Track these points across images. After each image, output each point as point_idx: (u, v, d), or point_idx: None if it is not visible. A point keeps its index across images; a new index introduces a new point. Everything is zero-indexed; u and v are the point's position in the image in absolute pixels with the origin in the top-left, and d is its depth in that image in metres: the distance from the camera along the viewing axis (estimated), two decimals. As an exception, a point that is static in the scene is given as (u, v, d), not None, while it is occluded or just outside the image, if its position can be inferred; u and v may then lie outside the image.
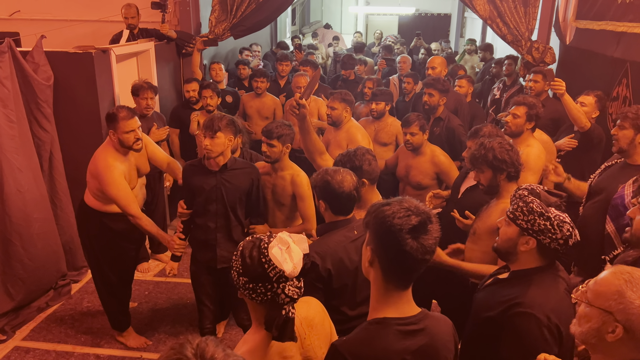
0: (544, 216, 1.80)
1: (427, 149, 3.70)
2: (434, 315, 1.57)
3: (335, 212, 2.31)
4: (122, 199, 3.23)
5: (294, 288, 1.53)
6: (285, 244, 1.54)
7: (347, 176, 2.29)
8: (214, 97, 4.71)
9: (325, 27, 13.10)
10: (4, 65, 3.80)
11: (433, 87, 4.28)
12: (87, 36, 5.63)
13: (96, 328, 3.92)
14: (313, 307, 1.78)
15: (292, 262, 1.52)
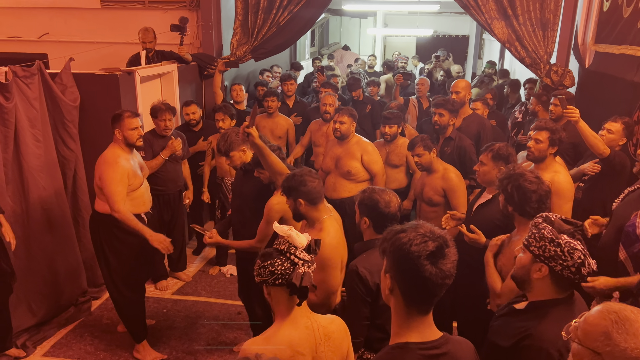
0: (554, 242, 1.79)
1: (440, 167, 3.75)
2: (456, 339, 1.57)
3: (377, 231, 2.44)
4: (114, 194, 3.45)
5: (304, 254, 1.84)
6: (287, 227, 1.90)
7: (393, 197, 2.46)
8: (226, 119, 4.81)
9: (343, 49, 13.26)
10: (33, 87, 3.93)
11: (443, 107, 4.32)
12: (112, 57, 5.80)
13: (115, 345, 3.96)
14: (336, 324, 1.91)
15: (298, 238, 1.85)
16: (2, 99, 3.67)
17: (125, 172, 3.52)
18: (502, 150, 3.15)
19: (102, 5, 6.20)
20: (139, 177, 3.65)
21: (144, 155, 4.40)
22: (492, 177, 3.13)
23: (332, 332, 1.86)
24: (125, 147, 3.61)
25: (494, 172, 3.13)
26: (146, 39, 5.40)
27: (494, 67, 8.41)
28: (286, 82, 5.99)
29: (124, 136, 3.58)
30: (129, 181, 3.56)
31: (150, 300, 4.58)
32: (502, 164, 3.12)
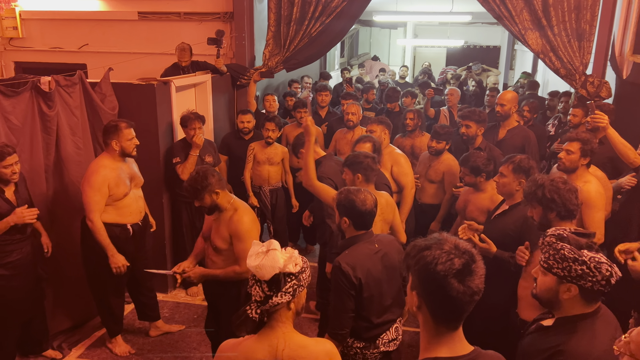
0: (578, 261, 1.73)
1: (488, 186, 3.62)
2: (487, 353, 1.54)
3: (357, 228, 2.61)
4: (89, 203, 3.55)
5: (259, 290, 1.76)
6: (267, 246, 1.77)
7: (368, 195, 2.60)
8: (275, 131, 4.92)
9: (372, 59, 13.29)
10: (74, 96, 4.06)
11: (469, 118, 4.29)
12: (148, 68, 5.95)
13: (147, 349, 4.03)
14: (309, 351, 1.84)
15: (257, 261, 1.74)
16: (45, 107, 3.81)
17: (106, 181, 3.58)
18: (523, 162, 3.11)
19: (139, 17, 6.38)
20: (123, 187, 3.67)
21: (179, 161, 4.50)
22: (512, 189, 3.12)
23: (300, 358, 1.81)
24: (118, 157, 3.67)
25: (513, 184, 3.10)
26: (182, 58, 5.56)
27: (529, 78, 8.30)
28: (321, 93, 6.03)
29: (122, 147, 3.65)
30: (111, 191, 3.61)
31: (181, 306, 4.65)
32: (522, 176, 3.08)
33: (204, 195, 2.99)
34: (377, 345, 2.67)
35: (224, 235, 3.03)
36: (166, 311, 4.57)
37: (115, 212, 3.70)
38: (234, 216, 3.01)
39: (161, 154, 4.56)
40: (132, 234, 3.82)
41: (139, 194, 3.90)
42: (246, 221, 2.99)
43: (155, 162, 4.53)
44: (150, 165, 4.47)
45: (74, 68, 4.29)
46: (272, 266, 1.73)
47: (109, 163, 3.64)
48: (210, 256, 3.14)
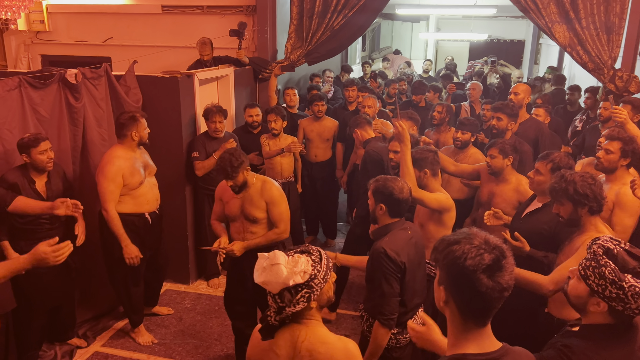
0: (616, 285, 1.65)
1: (512, 177, 3.58)
2: (516, 350, 1.51)
3: (392, 215, 2.67)
4: (105, 192, 3.61)
5: (273, 302, 1.75)
6: (272, 261, 1.72)
7: (404, 184, 2.68)
8: (278, 120, 4.88)
9: (394, 53, 13.19)
10: (100, 88, 4.12)
11: (501, 111, 4.20)
12: (171, 61, 6.00)
13: (169, 339, 4.08)
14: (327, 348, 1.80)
15: (263, 278, 1.72)
16: (72, 99, 3.87)
17: (120, 171, 3.62)
18: (562, 162, 3.03)
19: (163, 10, 6.43)
20: (138, 176, 3.72)
21: (197, 156, 4.53)
22: (546, 187, 3.01)
23: (317, 353, 1.79)
24: (134, 147, 3.74)
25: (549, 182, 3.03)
26: (204, 52, 5.59)
27: (555, 72, 8.14)
28: (348, 89, 5.99)
29: (140, 137, 3.73)
30: (125, 181, 3.66)
31: (203, 298, 4.70)
32: None
33: (238, 173, 3.20)
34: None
35: (261, 205, 3.31)
36: (188, 302, 4.63)
37: (132, 201, 3.75)
38: (265, 186, 3.33)
39: (184, 147, 4.60)
40: (150, 222, 3.88)
41: (153, 182, 3.95)
42: (277, 188, 3.36)
43: (178, 154, 4.58)
44: (173, 158, 4.52)
45: (99, 61, 4.35)
46: (276, 282, 1.70)
47: (123, 153, 3.69)
48: (247, 230, 3.38)
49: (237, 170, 3.19)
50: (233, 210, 3.39)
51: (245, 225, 3.38)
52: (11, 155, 3.54)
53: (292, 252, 1.79)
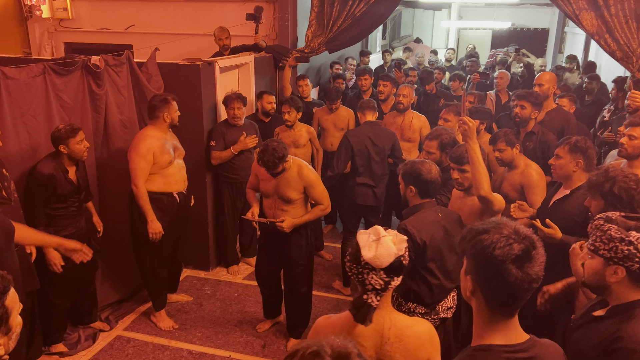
0: (625, 241, 1.70)
1: (521, 162, 3.56)
2: (544, 342, 1.48)
3: (422, 196, 2.77)
4: (136, 168, 3.73)
5: (378, 279, 1.71)
6: (376, 235, 1.73)
7: (433, 166, 2.76)
8: (292, 112, 4.83)
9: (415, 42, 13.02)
10: (122, 75, 4.14)
11: (525, 99, 4.12)
12: (192, 48, 6.01)
13: (189, 325, 4.13)
14: (416, 329, 1.81)
15: (374, 252, 1.70)
16: (95, 86, 3.90)
17: (151, 149, 3.75)
18: (580, 142, 3.00)
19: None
20: (167, 155, 3.83)
21: (214, 145, 4.54)
22: (569, 170, 3.01)
23: (407, 337, 1.79)
24: (165, 129, 3.87)
25: (570, 165, 3.00)
26: (222, 35, 5.57)
27: (574, 61, 7.96)
28: (361, 77, 5.94)
29: (172, 118, 3.85)
30: (155, 159, 3.78)
31: (223, 284, 4.74)
32: (579, 156, 2.98)
33: (279, 165, 3.44)
34: (437, 312, 2.81)
35: (297, 187, 3.55)
36: (208, 288, 4.67)
37: (162, 180, 3.86)
38: (302, 171, 3.55)
39: (205, 134, 4.62)
40: (178, 201, 3.96)
41: (181, 164, 4.05)
42: (312, 171, 3.62)
43: (199, 142, 4.60)
44: (193, 145, 4.54)
45: (120, 48, 4.36)
46: (388, 254, 1.71)
47: (154, 133, 3.81)
48: (279, 207, 3.62)
49: (278, 165, 3.43)
50: (268, 188, 3.64)
51: (277, 203, 3.62)
52: (36, 141, 3.59)
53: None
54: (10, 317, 1.45)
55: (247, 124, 4.74)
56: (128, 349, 3.83)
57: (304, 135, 5.00)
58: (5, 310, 1.43)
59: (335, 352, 1.09)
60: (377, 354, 1.77)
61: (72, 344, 3.80)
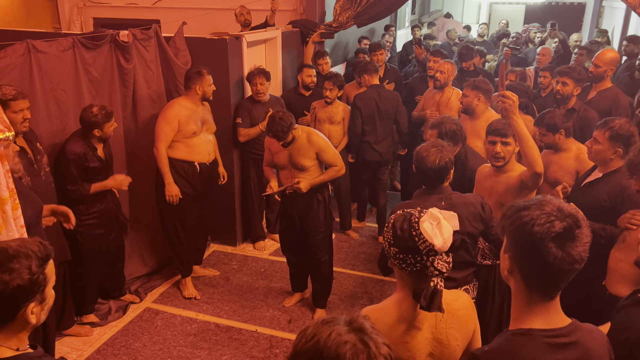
0: None
1: (572, 146, 3.36)
2: (587, 327, 1.41)
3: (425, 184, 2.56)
4: (160, 132, 3.85)
5: (443, 262, 1.62)
6: (436, 220, 1.63)
7: (440, 154, 2.47)
8: (334, 90, 4.80)
9: (445, 17, 12.71)
10: (150, 50, 4.13)
11: (568, 75, 3.95)
12: (217, 23, 5.95)
13: (217, 299, 4.18)
14: (461, 301, 1.77)
15: (442, 237, 1.61)
16: (123, 60, 3.89)
17: (177, 117, 3.84)
18: (622, 129, 2.77)
19: (211, -29, 6.35)
20: (193, 126, 3.90)
21: (241, 122, 4.52)
22: (606, 157, 2.84)
23: (457, 310, 1.73)
24: (197, 101, 3.95)
25: (608, 152, 2.82)
26: (243, 11, 5.58)
27: (605, 35, 7.61)
28: (375, 53, 5.83)
29: (204, 92, 3.93)
30: (180, 127, 3.86)
31: (249, 259, 4.77)
32: (619, 145, 2.78)
33: (288, 134, 3.50)
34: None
35: (310, 154, 3.61)
36: (235, 263, 4.70)
37: (185, 149, 3.94)
38: (311, 137, 3.60)
39: (232, 110, 4.60)
40: (199, 171, 4.01)
41: (209, 138, 4.10)
42: (321, 137, 3.66)
43: (226, 117, 4.58)
44: (221, 121, 4.52)
45: (148, 23, 4.34)
46: (450, 234, 1.62)
47: (185, 103, 3.91)
48: (295, 176, 3.67)
49: (287, 133, 3.49)
50: (282, 160, 3.68)
51: (293, 172, 3.68)
52: (65, 115, 3.62)
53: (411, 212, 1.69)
54: (47, 286, 1.47)
55: (272, 100, 4.70)
56: (157, 320, 3.90)
57: (339, 113, 4.95)
58: (44, 278, 1.44)
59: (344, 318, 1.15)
60: (432, 334, 1.70)
61: (103, 314, 3.89)
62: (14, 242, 1.45)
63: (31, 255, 1.42)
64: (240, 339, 3.71)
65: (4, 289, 1.37)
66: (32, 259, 1.42)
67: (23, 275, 1.39)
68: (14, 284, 1.37)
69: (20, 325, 1.44)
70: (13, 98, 2.92)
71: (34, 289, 1.41)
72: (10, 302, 1.39)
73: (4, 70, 3.20)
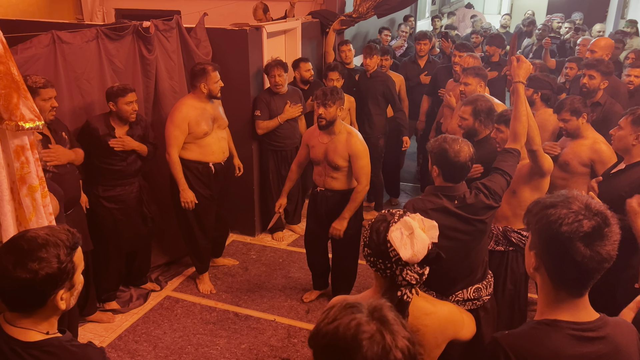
0: None
1: (590, 134, 3.35)
2: (616, 321, 1.39)
3: (445, 179, 2.42)
4: (170, 136, 3.75)
5: (413, 273, 1.58)
6: (409, 230, 1.57)
7: (464, 147, 2.37)
8: (340, 80, 4.79)
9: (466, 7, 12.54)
10: (172, 40, 4.16)
11: (595, 68, 3.88)
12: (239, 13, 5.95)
13: (235, 288, 4.22)
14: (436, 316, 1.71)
15: (411, 250, 1.55)
16: (145, 51, 3.93)
17: (186, 119, 3.73)
18: None
19: (231, -38, 6.34)
20: (203, 126, 3.80)
21: (259, 115, 4.53)
22: (628, 143, 2.85)
23: (425, 326, 1.69)
24: (205, 99, 3.81)
25: (630, 138, 2.82)
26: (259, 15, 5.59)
27: (634, 25, 7.44)
28: (420, 42, 5.77)
29: (209, 89, 3.78)
30: (191, 129, 3.76)
31: (268, 250, 4.80)
32: None
33: (334, 103, 3.39)
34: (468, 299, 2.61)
35: (344, 155, 3.51)
36: (253, 253, 4.74)
37: (198, 150, 3.88)
38: (350, 139, 3.49)
39: (251, 100, 4.61)
40: (214, 172, 3.98)
41: (222, 135, 4.02)
42: (361, 141, 3.52)
43: (245, 108, 4.60)
44: (240, 112, 4.55)
45: (169, 14, 4.36)
46: (423, 247, 1.58)
47: (193, 103, 3.79)
48: (329, 174, 3.63)
49: (334, 98, 3.37)
50: (318, 155, 3.63)
51: (327, 169, 3.63)
52: (90, 105, 3.67)
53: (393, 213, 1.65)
54: (75, 273, 1.50)
55: (290, 91, 4.70)
56: (177, 309, 3.96)
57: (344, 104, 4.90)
58: (73, 266, 1.47)
59: (369, 305, 1.15)
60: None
61: (125, 301, 3.96)
62: (42, 231, 1.48)
63: (59, 244, 1.45)
64: (258, 327, 3.75)
65: (33, 277, 1.40)
66: (60, 248, 1.44)
67: (52, 264, 1.42)
68: (43, 272, 1.40)
69: (50, 310, 1.48)
70: (43, 86, 2.98)
71: (62, 276, 1.44)
72: (40, 289, 1.42)
73: (29, 61, 3.25)
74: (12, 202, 2.04)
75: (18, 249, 1.42)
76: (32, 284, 1.40)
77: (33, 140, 2.06)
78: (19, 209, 2.06)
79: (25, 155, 2.03)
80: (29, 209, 2.05)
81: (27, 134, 2.03)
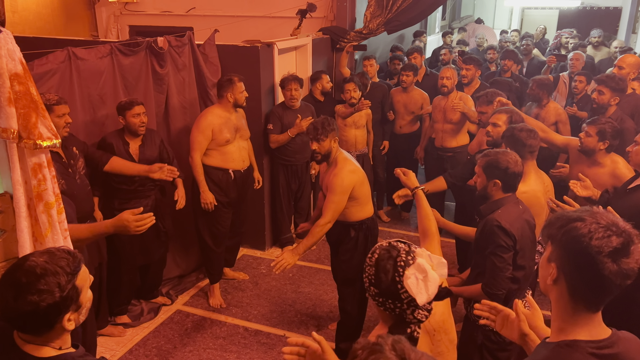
0: None
1: (607, 160, 3.26)
2: (624, 336, 1.40)
3: (505, 190, 2.60)
4: (193, 142, 3.90)
5: (424, 312, 1.56)
6: (423, 273, 1.53)
7: (515, 156, 2.61)
8: (356, 90, 4.84)
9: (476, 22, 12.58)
10: (183, 56, 4.22)
11: (604, 84, 3.87)
12: (251, 31, 6.04)
13: (245, 303, 4.22)
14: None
15: (427, 294, 1.52)
16: (158, 66, 3.99)
17: (210, 126, 3.87)
18: None
19: (244, -20, 6.44)
20: (226, 134, 3.94)
21: (272, 128, 4.57)
22: None
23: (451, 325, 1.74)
24: (230, 108, 3.96)
25: None
26: None
27: None
28: (410, 57, 5.84)
29: (235, 98, 3.93)
30: (214, 135, 3.90)
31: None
32: None
33: (327, 136, 3.15)
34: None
35: (326, 182, 3.33)
36: (263, 268, 4.75)
37: (219, 156, 3.99)
38: (332, 169, 3.24)
39: (262, 116, 4.66)
40: (233, 178, 4.06)
41: (243, 145, 4.14)
42: (341, 177, 3.16)
43: (257, 123, 4.64)
44: (252, 127, 4.55)
45: (182, 31, 4.43)
46: (435, 287, 1.56)
47: (218, 112, 3.94)
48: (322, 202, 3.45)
49: (327, 132, 3.14)
50: (321, 182, 3.45)
51: (322, 197, 3.50)
52: (103, 120, 3.73)
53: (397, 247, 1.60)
54: (80, 295, 1.49)
55: (302, 106, 4.74)
56: (187, 323, 3.97)
57: (362, 116, 5.01)
58: (75, 290, 1.47)
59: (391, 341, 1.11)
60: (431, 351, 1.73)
61: (136, 315, 3.97)
62: (41, 258, 1.46)
63: (59, 272, 1.43)
64: (268, 343, 3.75)
65: (35, 309, 1.39)
66: (60, 276, 1.43)
67: (54, 294, 1.41)
68: (44, 304, 1.40)
69: (60, 330, 1.49)
70: (57, 103, 3.04)
71: (66, 303, 1.44)
72: (45, 318, 1.43)
73: (45, 76, 3.32)
74: (28, 219, 2.08)
75: (17, 283, 1.41)
76: (35, 315, 1.40)
77: (50, 158, 2.10)
78: (35, 225, 2.10)
79: (42, 173, 2.07)
80: (44, 225, 2.09)
81: (44, 152, 2.08)
